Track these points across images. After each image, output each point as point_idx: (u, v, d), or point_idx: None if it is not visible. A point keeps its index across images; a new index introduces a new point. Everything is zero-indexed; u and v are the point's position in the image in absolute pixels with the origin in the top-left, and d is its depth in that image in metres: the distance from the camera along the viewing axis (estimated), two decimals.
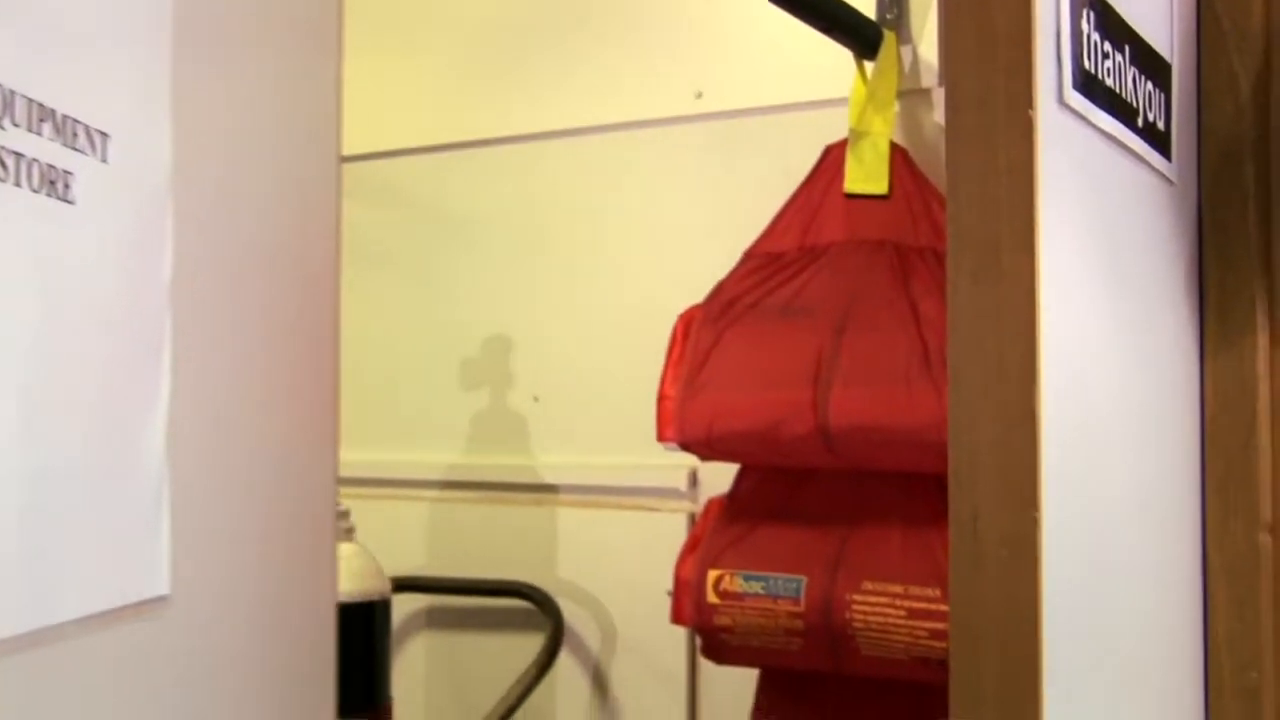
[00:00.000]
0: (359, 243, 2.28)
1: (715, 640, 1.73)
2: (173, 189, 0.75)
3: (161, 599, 0.74)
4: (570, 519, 2.06)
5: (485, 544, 2.12)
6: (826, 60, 1.77)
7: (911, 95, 1.80)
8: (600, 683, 2.04)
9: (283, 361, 0.84)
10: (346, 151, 2.41)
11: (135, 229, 0.72)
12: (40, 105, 0.66)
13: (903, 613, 1.59)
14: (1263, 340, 1.52)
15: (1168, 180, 1.45)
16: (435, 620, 2.14)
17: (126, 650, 0.72)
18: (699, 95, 1.99)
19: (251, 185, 0.82)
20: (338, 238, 0.89)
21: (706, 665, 1.83)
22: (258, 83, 0.83)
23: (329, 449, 0.88)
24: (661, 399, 1.73)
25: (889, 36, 1.75)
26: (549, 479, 2.09)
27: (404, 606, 2.09)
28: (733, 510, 1.76)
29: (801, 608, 1.64)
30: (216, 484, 0.79)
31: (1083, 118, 1.20)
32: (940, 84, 1.75)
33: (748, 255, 1.76)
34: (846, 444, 1.61)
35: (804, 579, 1.65)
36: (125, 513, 0.71)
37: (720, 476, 1.81)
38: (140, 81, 0.73)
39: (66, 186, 0.68)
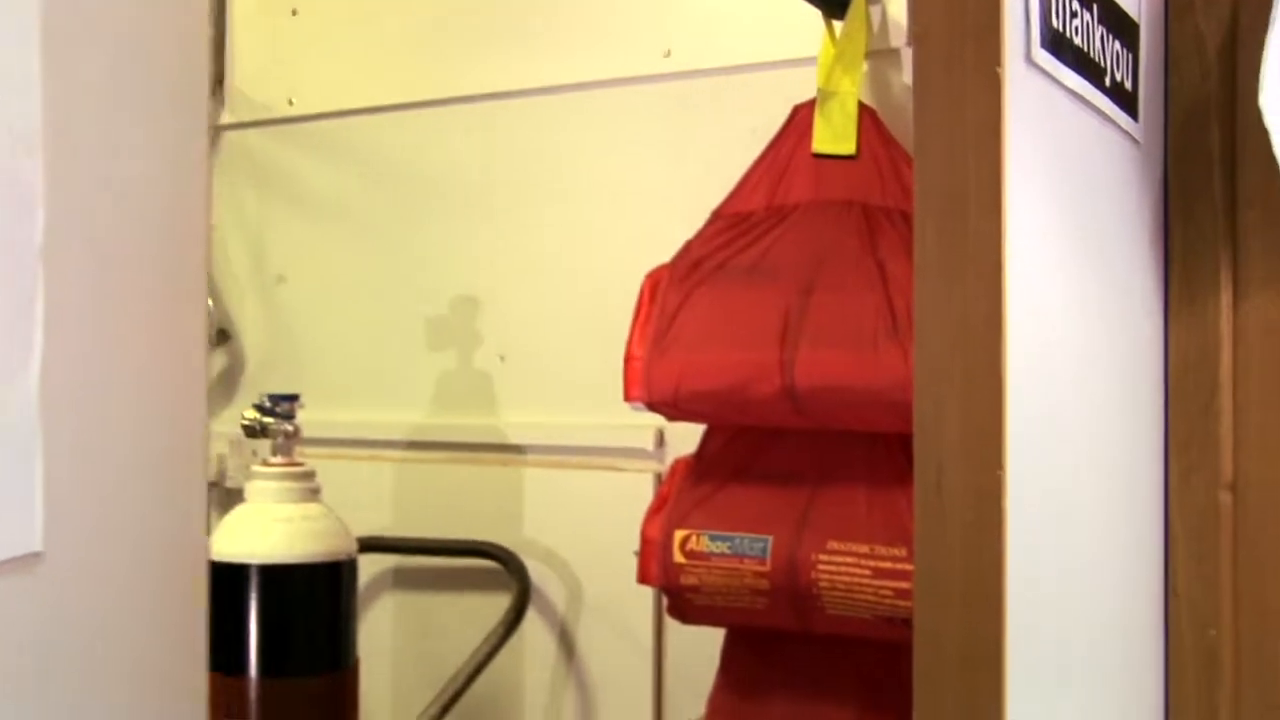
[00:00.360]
0: (322, 203, 2.27)
1: (681, 600, 1.74)
2: (43, 149, 0.74)
3: (35, 555, 0.74)
4: (537, 479, 2.06)
5: (451, 504, 2.11)
6: (795, 19, 1.76)
7: (880, 55, 1.80)
8: (567, 643, 2.05)
9: (153, 319, 0.84)
10: (307, 110, 2.40)
11: (5, 189, 0.72)
12: None
13: (868, 572, 1.60)
14: (1226, 301, 1.53)
15: (1134, 140, 1.45)
16: (401, 581, 2.13)
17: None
18: (667, 54, 1.98)
19: (121, 144, 0.82)
20: (208, 196, 0.89)
21: (673, 625, 1.84)
22: (127, 43, 0.82)
23: (198, 405, 0.89)
24: (628, 359, 1.73)
25: None
26: (515, 439, 2.08)
27: (370, 567, 2.09)
28: (699, 470, 1.76)
29: (767, 567, 1.65)
30: (89, 441, 0.79)
31: (1050, 76, 1.20)
32: (909, 44, 1.75)
33: (715, 215, 1.76)
34: (813, 404, 1.61)
35: (770, 539, 1.66)
36: None
37: (687, 437, 1.81)
38: (9, 41, 0.72)
39: None
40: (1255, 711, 1.54)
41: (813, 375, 1.60)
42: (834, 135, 1.71)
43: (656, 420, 1.83)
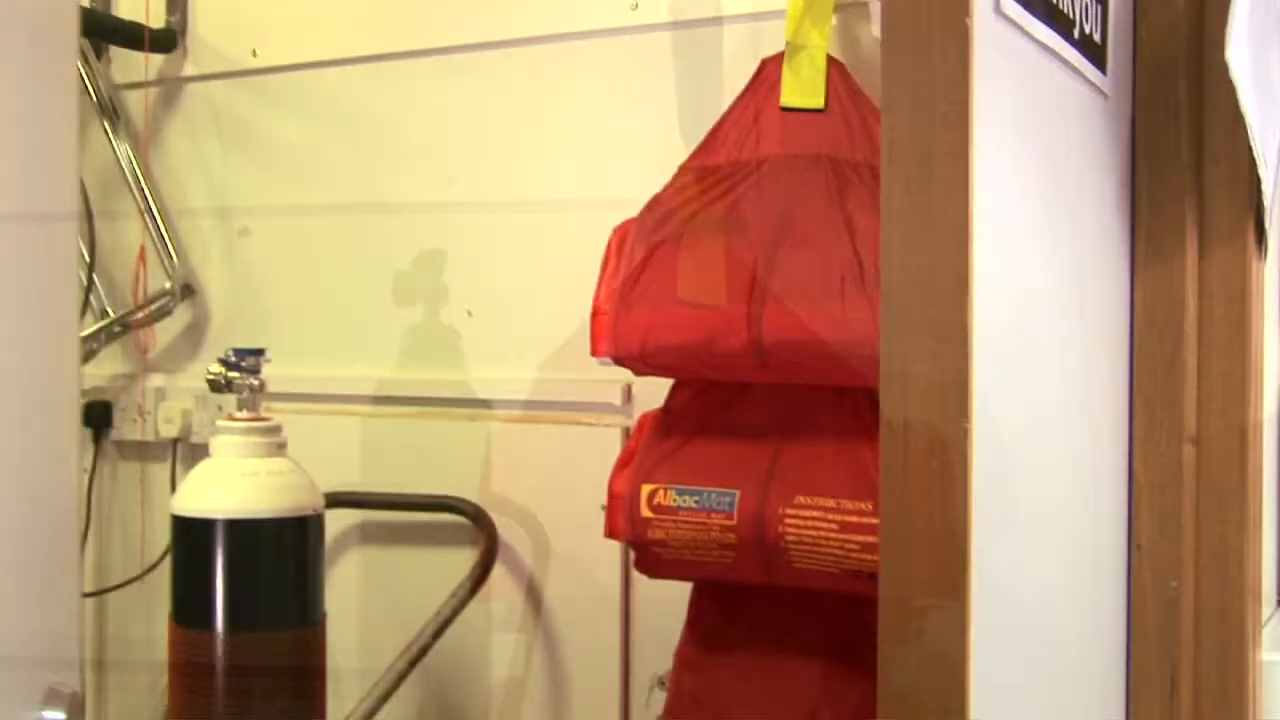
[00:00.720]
0: (286, 156, 2.24)
1: (649, 554, 1.74)
2: None
3: None
4: (504, 434, 2.06)
5: (419, 459, 2.11)
6: None
7: (849, 8, 1.79)
8: (534, 597, 2.05)
9: (27, 267, 0.85)
10: (271, 63, 2.38)
11: None
12: None
13: (835, 526, 1.60)
14: (1191, 256, 1.53)
15: (1102, 94, 1.45)
16: (369, 536, 2.13)
17: None
18: (635, 7, 1.96)
19: None
20: (75, 143, 0.89)
21: (640, 579, 1.84)
22: None
23: (71, 344, 0.90)
24: (595, 313, 1.72)
25: None
26: (483, 394, 2.08)
27: (337, 522, 2.08)
28: (666, 425, 1.76)
29: (734, 521, 1.65)
30: None
31: (1019, 28, 1.19)
32: None
33: (683, 169, 1.75)
34: (780, 358, 1.61)
35: (737, 493, 1.66)
36: None
37: (655, 392, 1.81)
38: None
39: None
40: (1214, 661, 1.56)
41: (780, 329, 1.59)
42: (802, 89, 1.71)
43: (624, 375, 1.82)
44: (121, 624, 2.33)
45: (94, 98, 2.31)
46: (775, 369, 1.63)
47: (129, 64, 2.37)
